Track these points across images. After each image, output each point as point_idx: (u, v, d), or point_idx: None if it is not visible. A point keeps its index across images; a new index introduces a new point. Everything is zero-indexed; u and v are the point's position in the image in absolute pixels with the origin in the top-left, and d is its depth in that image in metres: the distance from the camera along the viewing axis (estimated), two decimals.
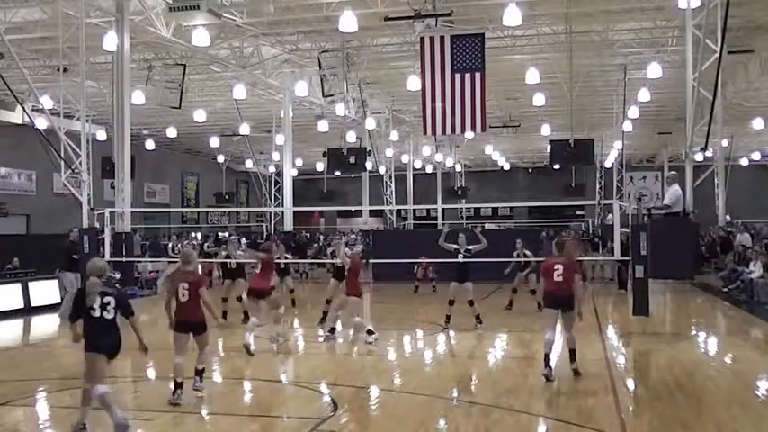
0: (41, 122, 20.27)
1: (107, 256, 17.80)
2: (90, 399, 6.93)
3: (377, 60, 25.29)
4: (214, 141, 38.68)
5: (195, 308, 8.09)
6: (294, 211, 31.51)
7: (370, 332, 11.79)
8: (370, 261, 18.54)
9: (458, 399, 8.46)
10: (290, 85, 26.70)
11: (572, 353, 9.30)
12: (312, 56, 24.45)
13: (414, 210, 41.26)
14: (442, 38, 18.65)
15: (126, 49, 19.01)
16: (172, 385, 8.02)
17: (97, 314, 6.97)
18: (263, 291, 11.29)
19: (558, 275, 9.14)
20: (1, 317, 15.32)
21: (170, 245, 24.39)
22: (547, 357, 9.00)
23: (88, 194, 18.11)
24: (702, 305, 18.26)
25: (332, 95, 25.77)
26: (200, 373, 8.29)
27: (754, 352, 11.94)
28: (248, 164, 42.37)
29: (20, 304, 16.34)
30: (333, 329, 12.30)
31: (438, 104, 18.84)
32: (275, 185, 35.55)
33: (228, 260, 14.92)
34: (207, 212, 47.88)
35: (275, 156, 34.49)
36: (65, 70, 19.12)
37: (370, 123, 30.37)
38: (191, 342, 8.24)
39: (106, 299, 7.03)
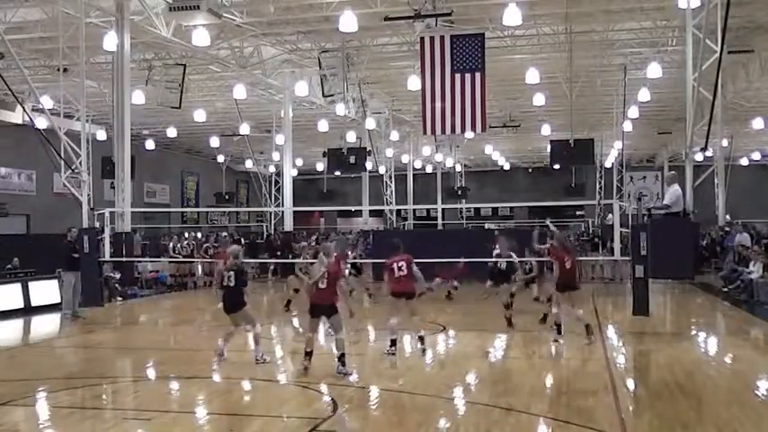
0: (41, 122, 20.28)
1: (107, 256, 17.87)
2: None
3: (377, 60, 25.29)
4: (214, 141, 38.68)
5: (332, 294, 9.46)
6: (294, 211, 31.50)
7: (393, 343, 10.74)
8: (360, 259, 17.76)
9: (458, 399, 8.46)
10: (290, 85, 26.71)
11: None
12: (312, 56, 24.45)
13: (414, 210, 41.26)
14: (442, 38, 18.66)
15: (126, 49, 19.02)
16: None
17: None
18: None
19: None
20: (1, 317, 15.32)
21: (170, 245, 24.39)
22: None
23: (88, 194, 18.12)
24: (702, 305, 18.25)
25: (332, 95, 25.77)
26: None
27: (754, 352, 11.93)
28: (248, 164, 42.36)
29: (20, 304, 16.33)
30: (394, 342, 10.84)
31: (438, 104, 18.86)
32: (275, 185, 35.55)
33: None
34: (207, 212, 47.88)
35: (275, 156, 34.50)
36: (65, 70, 19.13)
37: (370, 123, 30.38)
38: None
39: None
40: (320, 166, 43.69)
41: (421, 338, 11.06)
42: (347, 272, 14.92)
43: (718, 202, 29.25)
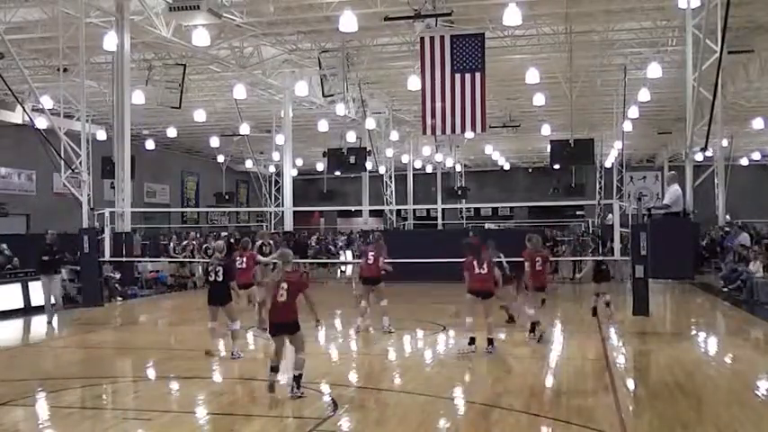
0: (41, 122, 20.27)
1: (107, 256, 17.87)
2: None
3: (377, 60, 25.29)
4: (214, 141, 38.70)
5: (294, 309, 8.22)
6: (294, 211, 31.51)
7: (472, 341, 10.60)
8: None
9: (458, 399, 8.46)
10: (290, 85, 26.72)
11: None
12: (312, 56, 24.46)
13: (414, 210, 41.26)
14: (442, 38, 18.66)
15: (126, 49, 19.03)
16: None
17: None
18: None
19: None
20: (1, 317, 15.31)
21: (171, 245, 24.39)
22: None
23: (88, 194, 18.13)
24: (702, 305, 18.25)
25: (332, 95, 25.79)
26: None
27: (754, 352, 11.93)
28: (248, 164, 42.37)
29: (20, 304, 16.32)
30: (473, 340, 10.75)
31: (438, 104, 18.86)
32: (275, 185, 35.56)
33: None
34: (207, 212, 47.89)
35: (275, 156, 34.50)
36: (65, 70, 19.15)
37: (370, 123, 30.38)
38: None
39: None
40: (320, 166, 43.69)
41: (490, 341, 10.71)
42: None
43: (718, 202, 29.24)
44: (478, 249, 10.90)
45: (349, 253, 35.68)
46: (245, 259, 12.65)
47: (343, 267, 31.01)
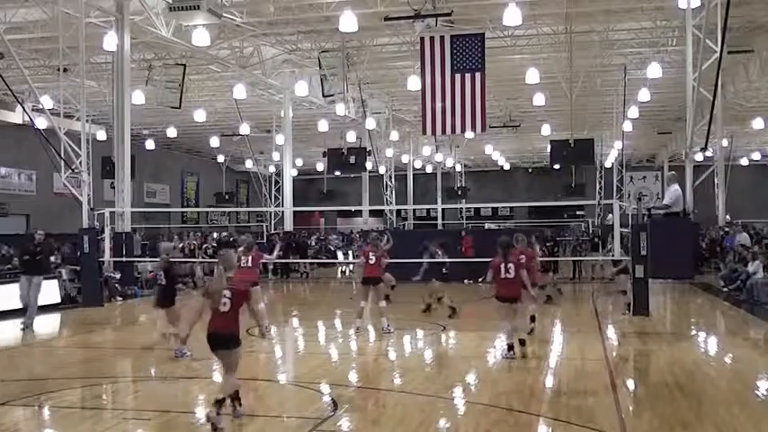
0: (41, 122, 20.27)
1: (107, 256, 17.87)
2: None
3: (377, 60, 25.29)
4: (214, 141, 38.71)
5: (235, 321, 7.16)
6: (294, 211, 31.50)
7: (510, 347, 10.34)
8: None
9: (458, 399, 8.46)
10: (290, 85, 26.72)
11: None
12: (312, 56, 24.45)
13: (414, 210, 41.27)
14: (442, 38, 18.67)
15: (126, 49, 19.03)
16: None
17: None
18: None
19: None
20: (1, 317, 15.30)
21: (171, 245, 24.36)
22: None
23: (88, 194, 18.12)
24: (702, 305, 18.25)
25: (332, 95, 25.77)
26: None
27: (754, 352, 11.93)
28: (248, 164, 42.38)
29: (20, 304, 16.29)
30: (511, 346, 10.37)
31: (438, 104, 18.86)
32: (275, 185, 35.56)
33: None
34: (207, 212, 47.89)
35: (275, 156, 34.51)
36: (65, 70, 19.14)
37: (370, 123, 30.38)
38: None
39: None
40: (320, 166, 43.70)
41: (522, 341, 10.43)
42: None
43: (719, 202, 29.25)
44: (508, 250, 10.48)
45: (349, 253, 35.70)
46: (250, 258, 12.67)
47: (342, 267, 31.01)
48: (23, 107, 21.43)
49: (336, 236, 41.30)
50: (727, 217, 28.96)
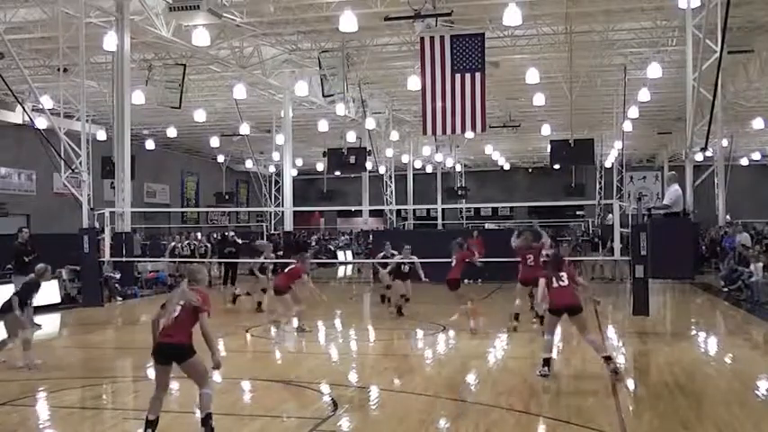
0: (41, 122, 20.28)
1: (107, 256, 17.86)
2: None
3: (377, 60, 25.30)
4: (214, 141, 38.71)
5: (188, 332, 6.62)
6: (294, 211, 31.51)
7: (546, 362, 9.21)
8: None
9: (458, 399, 8.45)
10: (290, 85, 26.72)
11: None
12: (312, 56, 24.46)
13: (414, 210, 41.27)
14: (442, 38, 18.66)
15: (126, 49, 19.03)
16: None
17: None
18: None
19: None
20: (1, 317, 15.26)
21: (171, 245, 24.29)
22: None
23: (88, 194, 18.12)
24: (702, 305, 18.25)
25: (332, 95, 25.77)
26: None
27: (754, 352, 11.92)
28: (248, 164, 42.38)
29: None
30: (547, 361, 9.21)
31: (438, 104, 18.86)
32: (275, 185, 35.57)
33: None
34: (207, 212, 47.88)
35: (275, 156, 34.51)
36: (65, 70, 19.14)
37: (370, 123, 30.39)
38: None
39: None
40: (320, 166, 43.71)
41: (607, 359, 9.07)
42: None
43: (719, 202, 29.27)
44: (557, 264, 9.43)
45: (349, 253, 35.71)
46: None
47: (342, 267, 30.99)
48: (23, 107, 21.43)
49: (345, 236, 41.30)
50: (728, 217, 28.95)
